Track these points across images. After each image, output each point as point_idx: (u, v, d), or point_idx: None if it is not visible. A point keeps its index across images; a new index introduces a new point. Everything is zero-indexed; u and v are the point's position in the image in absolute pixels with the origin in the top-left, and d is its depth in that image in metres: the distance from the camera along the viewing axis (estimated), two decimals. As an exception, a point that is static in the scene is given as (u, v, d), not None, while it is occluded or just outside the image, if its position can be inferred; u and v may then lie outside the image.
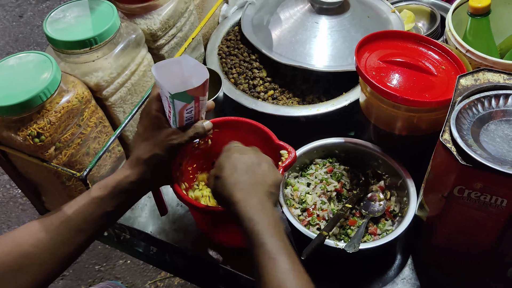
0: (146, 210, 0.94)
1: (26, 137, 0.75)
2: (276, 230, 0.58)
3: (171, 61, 0.67)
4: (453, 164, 0.62)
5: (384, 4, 1.13)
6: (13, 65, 0.79)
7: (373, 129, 0.90)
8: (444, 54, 0.86)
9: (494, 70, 0.72)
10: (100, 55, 0.84)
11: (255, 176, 0.64)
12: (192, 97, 0.64)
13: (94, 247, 1.90)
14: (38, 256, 0.62)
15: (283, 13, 1.08)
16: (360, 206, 0.86)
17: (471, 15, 0.91)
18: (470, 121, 0.66)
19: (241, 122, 0.83)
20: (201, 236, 0.88)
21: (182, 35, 1.02)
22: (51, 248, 0.62)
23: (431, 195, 0.73)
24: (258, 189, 0.62)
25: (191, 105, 0.66)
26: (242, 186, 0.62)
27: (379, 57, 0.86)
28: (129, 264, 1.84)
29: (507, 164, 0.60)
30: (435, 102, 0.77)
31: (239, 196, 0.61)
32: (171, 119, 0.67)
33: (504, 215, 0.64)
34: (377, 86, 0.79)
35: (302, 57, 1.01)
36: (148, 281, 1.79)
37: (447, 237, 0.73)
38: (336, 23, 1.04)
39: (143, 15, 0.94)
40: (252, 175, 0.63)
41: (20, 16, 3.02)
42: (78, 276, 1.83)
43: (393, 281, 0.80)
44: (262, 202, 0.61)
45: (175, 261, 0.88)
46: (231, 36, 1.14)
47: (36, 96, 0.73)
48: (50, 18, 0.85)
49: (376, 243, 0.76)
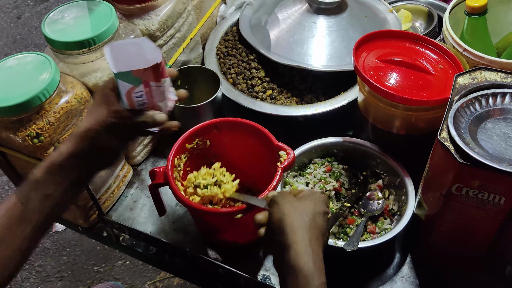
0: (145, 210, 0.95)
1: (25, 138, 0.75)
2: None
3: (130, 42, 0.64)
4: (451, 162, 0.62)
5: (381, 4, 1.13)
6: (11, 66, 0.79)
7: (371, 128, 0.90)
8: (442, 53, 0.86)
9: (491, 69, 0.72)
10: (98, 55, 0.84)
11: (317, 230, 0.62)
12: (140, 80, 0.61)
13: (93, 248, 1.90)
14: None
15: (281, 13, 1.08)
16: (359, 205, 0.86)
17: (468, 14, 0.91)
18: (467, 119, 0.66)
19: (240, 123, 0.83)
20: (200, 236, 0.89)
21: (180, 35, 1.03)
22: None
23: (429, 193, 0.73)
24: (319, 243, 0.61)
25: (140, 89, 0.62)
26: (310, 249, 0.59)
27: (377, 57, 0.86)
28: (128, 265, 1.84)
29: (505, 162, 0.60)
30: (432, 101, 0.77)
31: (306, 259, 0.58)
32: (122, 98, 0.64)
33: (502, 212, 0.64)
34: (375, 86, 0.79)
35: (300, 57, 1.01)
36: (148, 281, 1.79)
37: (446, 235, 0.73)
38: (334, 23, 1.05)
39: (141, 16, 0.94)
40: (315, 231, 0.61)
41: (18, 18, 3.02)
42: (77, 277, 1.83)
43: (392, 279, 0.80)
44: (320, 258, 0.60)
45: (174, 261, 0.88)
46: (229, 37, 1.15)
47: (35, 96, 0.73)
48: (48, 19, 0.85)
49: (375, 242, 0.76)
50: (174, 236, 0.90)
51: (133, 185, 0.99)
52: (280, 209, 0.63)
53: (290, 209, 0.62)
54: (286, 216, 0.61)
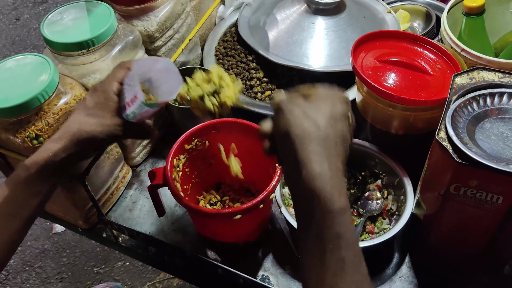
0: (145, 211, 0.95)
1: (24, 139, 0.75)
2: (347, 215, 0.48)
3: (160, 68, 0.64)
4: (449, 162, 0.62)
5: (380, 4, 1.14)
6: (10, 68, 0.79)
7: (370, 128, 0.90)
8: (440, 54, 0.87)
9: (489, 69, 0.72)
10: (97, 56, 0.84)
11: (335, 139, 0.51)
12: (158, 105, 0.63)
13: (93, 249, 1.90)
14: None
15: (279, 14, 1.09)
16: (358, 205, 0.86)
17: (465, 14, 0.91)
18: (465, 119, 0.67)
19: (239, 124, 0.83)
20: (199, 236, 0.89)
21: (179, 36, 1.03)
22: None
23: (427, 193, 0.73)
24: (339, 153, 0.51)
25: (152, 110, 0.64)
26: (322, 153, 0.49)
27: (375, 57, 0.86)
28: (128, 266, 1.84)
29: (502, 161, 0.60)
30: (431, 101, 0.78)
31: (317, 167, 0.48)
32: (128, 111, 0.64)
33: (500, 212, 0.64)
34: (374, 86, 0.79)
35: (299, 57, 1.01)
36: (147, 282, 1.79)
37: (444, 235, 0.74)
38: (333, 23, 1.05)
39: (140, 17, 0.94)
40: (333, 140, 0.51)
41: (17, 19, 3.02)
42: (76, 279, 1.83)
43: (391, 279, 0.80)
44: (338, 176, 0.49)
45: (174, 262, 0.88)
46: (228, 37, 1.15)
47: (34, 98, 0.73)
48: (47, 20, 0.85)
49: (373, 242, 0.76)
50: (173, 236, 0.90)
51: (132, 186, 1.00)
52: (287, 117, 0.51)
53: (299, 117, 0.51)
54: (294, 127, 0.50)
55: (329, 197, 0.47)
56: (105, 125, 0.62)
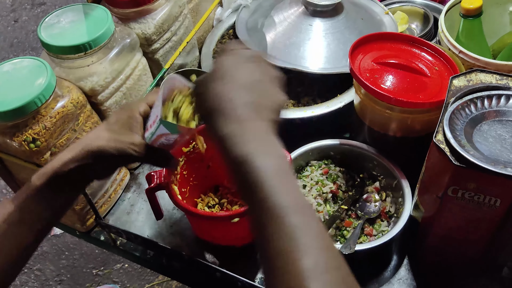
0: (143, 214, 0.94)
1: (21, 143, 0.75)
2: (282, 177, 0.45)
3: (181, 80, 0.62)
4: (446, 165, 0.62)
5: (377, 6, 1.13)
6: (7, 71, 0.79)
7: (368, 131, 0.90)
8: (437, 55, 0.87)
9: (486, 71, 0.72)
10: (95, 59, 0.84)
11: (258, 96, 0.50)
12: (179, 132, 0.60)
13: (92, 251, 1.90)
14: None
15: (277, 16, 1.08)
16: (356, 207, 0.86)
17: (463, 16, 0.91)
18: (463, 121, 0.67)
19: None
20: (197, 239, 0.89)
21: (176, 39, 1.03)
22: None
23: (425, 195, 0.73)
24: (262, 116, 0.49)
25: (174, 136, 0.61)
26: (242, 108, 0.48)
27: (373, 59, 0.86)
28: (127, 268, 1.84)
29: (500, 164, 0.60)
30: (428, 103, 0.78)
31: (236, 122, 0.47)
32: (147, 132, 0.61)
33: (498, 214, 0.64)
34: (371, 88, 0.79)
35: (296, 59, 1.01)
36: (146, 284, 1.79)
37: (442, 237, 0.73)
38: (330, 25, 1.05)
39: (137, 20, 0.94)
40: (255, 94, 0.50)
41: (15, 21, 3.02)
42: (75, 281, 1.83)
43: (389, 282, 0.80)
44: (265, 136, 0.48)
45: (172, 265, 0.88)
46: (225, 39, 1.15)
47: (31, 101, 0.73)
48: (44, 23, 0.85)
49: (372, 244, 0.76)
50: (171, 239, 0.90)
51: (130, 189, 0.99)
52: (207, 96, 0.50)
53: (220, 93, 0.49)
54: (217, 108, 0.48)
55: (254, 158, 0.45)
56: (118, 141, 0.60)
